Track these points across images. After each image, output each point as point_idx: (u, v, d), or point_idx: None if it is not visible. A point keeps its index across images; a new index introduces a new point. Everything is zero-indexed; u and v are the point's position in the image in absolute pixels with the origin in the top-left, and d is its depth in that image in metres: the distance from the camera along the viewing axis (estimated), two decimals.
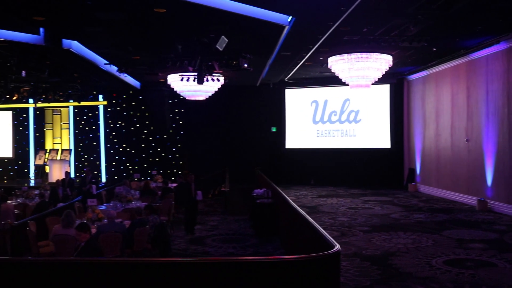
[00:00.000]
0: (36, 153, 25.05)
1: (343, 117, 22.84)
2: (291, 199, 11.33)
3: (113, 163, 23.77)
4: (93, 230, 8.83)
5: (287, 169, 23.22)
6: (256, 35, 12.64)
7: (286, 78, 21.26)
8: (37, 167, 24.82)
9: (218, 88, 17.96)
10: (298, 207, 9.72)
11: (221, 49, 11.27)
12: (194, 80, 14.92)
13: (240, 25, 11.56)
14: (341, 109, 22.84)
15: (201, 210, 17.74)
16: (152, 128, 23.37)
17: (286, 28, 11.82)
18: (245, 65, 13.17)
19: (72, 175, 23.11)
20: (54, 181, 20.76)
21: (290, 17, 11.28)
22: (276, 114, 23.50)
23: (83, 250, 6.96)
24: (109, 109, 23.88)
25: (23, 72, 14.52)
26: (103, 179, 23.93)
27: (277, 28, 11.85)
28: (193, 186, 13.78)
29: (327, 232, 6.77)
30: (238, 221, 15.32)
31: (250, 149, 23.25)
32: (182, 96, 19.01)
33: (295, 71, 18.95)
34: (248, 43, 13.38)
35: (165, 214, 12.82)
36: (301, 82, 22.12)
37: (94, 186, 15.24)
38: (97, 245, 7.22)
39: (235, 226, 14.58)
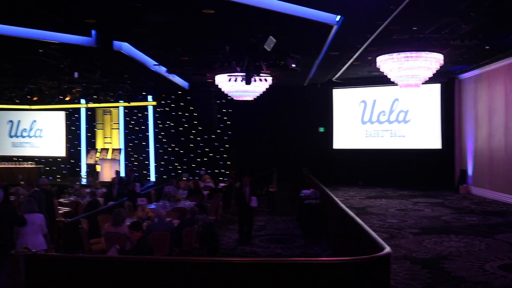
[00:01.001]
0: (87, 152, 25.64)
1: (392, 117, 22.48)
2: (339, 200, 11.21)
3: (162, 163, 24.09)
4: None
5: (334, 170, 23.01)
6: (304, 35, 12.57)
7: (334, 78, 21.07)
8: (88, 166, 25.42)
9: (266, 89, 17.94)
10: (346, 208, 9.61)
11: (269, 49, 11.25)
12: (242, 81, 14.95)
13: (288, 25, 11.52)
14: (390, 109, 22.49)
15: None
16: (200, 128, 23.56)
17: (334, 27, 11.71)
18: (293, 65, 13.12)
19: (122, 174, 23.50)
20: (104, 180, 21.24)
21: (339, 17, 11.16)
22: (324, 114, 23.33)
23: (134, 248, 7.06)
24: (158, 109, 24.21)
25: (76, 73, 14.88)
26: (152, 179, 24.29)
27: (325, 27, 11.75)
28: (247, 191, 12.56)
29: (376, 234, 6.66)
30: (286, 221, 15.28)
31: (298, 150, 23.14)
32: (229, 96, 19.08)
33: (343, 71, 18.76)
34: (296, 43, 13.32)
35: (213, 214, 12.90)
36: (349, 82, 21.89)
37: (137, 185, 15.44)
38: (148, 244, 7.31)
39: (283, 226, 14.54)
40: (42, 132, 26.64)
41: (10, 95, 21.15)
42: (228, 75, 16.20)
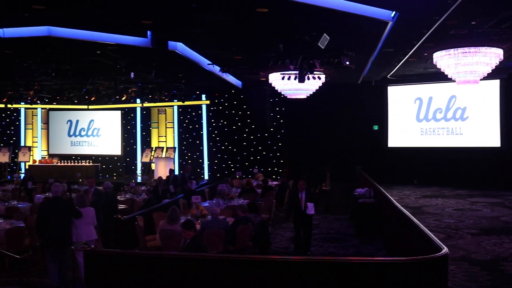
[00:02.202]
0: (142, 151, 26.14)
1: (449, 115, 21.94)
2: (394, 199, 11.04)
3: (215, 161, 24.28)
4: (197, 226, 9.03)
5: (389, 168, 22.64)
6: (358, 32, 12.43)
7: (389, 75, 20.75)
8: (143, 164, 25.90)
9: (319, 86, 17.85)
10: (402, 208, 9.45)
11: (322, 47, 11.17)
12: (295, 79, 14.91)
13: (342, 22, 11.41)
14: (447, 106, 21.95)
15: None
16: (253, 126, 23.63)
17: (390, 23, 11.52)
18: (347, 63, 12.97)
19: (176, 173, 23.83)
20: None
21: (394, 12, 10.98)
22: (378, 112, 23.00)
23: (188, 246, 7.14)
24: (211, 108, 24.42)
25: (132, 73, 15.18)
26: (206, 177, 24.54)
27: (380, 24, 11.58)
28: (303, 196, 10.99)
29: (432, 234, 6.52)
30: (339, 220, 15.16)
31: (351, 148, 22.91)
32: (283, 94, 19.08)
33: (398, 67, 18.45)
34: (350, 40, 13.16)
35: (266, 212, 12.92)
36: (404, 78, 21.50)
37: (194, 182, 15.62)
38: (201, 243, 7.38)
39: (336, 225, 14.44)
40: (99, 131, 27.31)
41: (69, 95, 21.78)
42: (281, 74, 16.19)
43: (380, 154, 22.91)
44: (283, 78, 16.02)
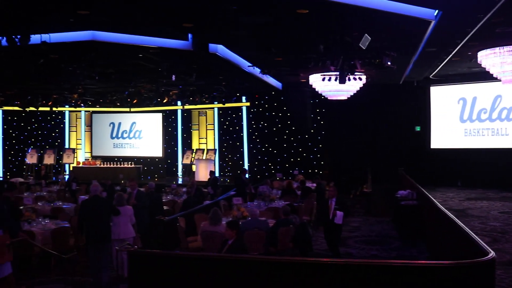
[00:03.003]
0: (183, 152, 26.37)
1: (494, 115, 21.42)
2: (437, 201, 10.85)
3: (256, 163, 24.33)
4: None
5: (431, 170, 22.22)
6: (400, 31, 12.26)
7: (431, 75, 20.40)
8: (184, 166, 26.13)
9: (360, 87, 17.69)
10: (445, 210, 9.28)
11: (364, 48, 11.07)
12: (335, 80, 14.83)
13: (384, 22, 11.28)
14: (492, 106, 21.44)
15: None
16: (293, 128, 23.57)
17: (432, 23, 11.32)
18: (388, 63, 12.83)
19: (217, 174, 23.99)
20: (200, 180, 21.77)
21: (437, 11, 10.78)
22: (420, 113, 22.65)
23: (230, 247, 7.17)
24: (252, 110, 24.49)
25: (173, 76, 15.34)
26: None
27: (422, 23, 11.39)
28: (332, 204, 10.25)
29: (478, 238, 6.38)
30: (381, 222, 15.00)
31: (393, 149, 22.59)
32: (323, 96, 18.99)
33: (441, 67, 18.12)
34: (392, 40, 13.02)
35: (307, 214, 12.87)
36: (447, 78, 21.11)
37: (252, 186, 15.63)
38: (243, 244, 7.41)
39: (378, 228, 14.29)
40: (141, 134, 27.69)
41: (111, 98, 22.21)
42: (322, 75, 16.12)
43: (423, 156, 22.53)
44: (323, 79, 15.94)
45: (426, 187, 15.26)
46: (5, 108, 25.47)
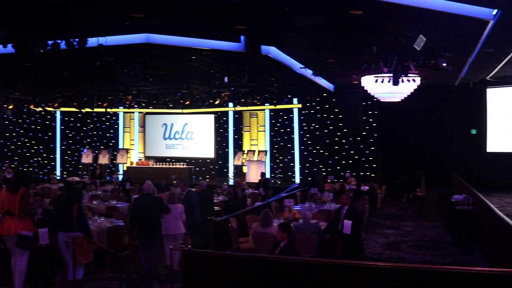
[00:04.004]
0: (234, 154, 26.51)
1: None
2: (494, 207, 10.55)
3: (307, 165, 24.23)
4: None
5: (487, 174, 21.55)
6: (456, 32, 11.98)
7: (488, 77, 19.82)
8: (235, 167, 26.25)
9: (414, 89, 17.37)
10: (504, 216, 9.01)
11: (418, 49, 10.86)
12: (389, 81, 14.61)
13: (439, 23, 11.05)
14: None
15: (394, 214, 17.38)
16: (345, 130, 23.36)
17: (491, 22, 11.00)
18: (444, 64, 12.52)
19: (268, 176, 24.00)
20: (251, 181, 21.87)
21: (496, 11, 10.48)
22: (476, 116, 22.03)
23: (283, 250, 7.18)
24: (303, 112, 24.41)
25: (226, 78, 15.45)
26: (297, 180, 24.52)
27: (480, 23, 11.09)
28: (343, 212, 9.67)
29: None
30: (434, 227, 14.70)
31: (447, 152, 22.07)
32: (376, 98, 18.75)
33: (499, 68, 17.59)
34: (447, 41, 12.73)
35: None
36: (505, 80, 20.45)
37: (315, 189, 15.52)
38: (295, 247, 7.41)
39: (431, 232, 14.01)
40: (192, 135, 27.99)
41: (164, 100, 22.55)
42: (374, 76, 15.93)
43: (479, 159, 21.91)
44: (376, 81, 15.74)
45: (481, 192, 14.85)
46: (63, 109, 26.23)
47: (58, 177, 25.39)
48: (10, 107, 23.04)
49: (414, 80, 16.18)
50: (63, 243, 7.85)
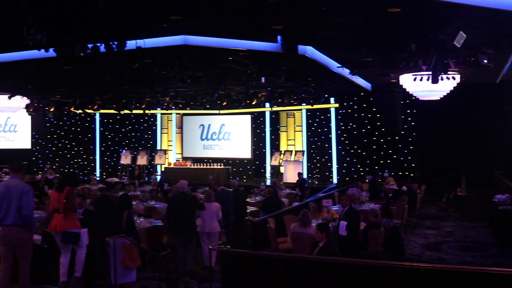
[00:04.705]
0: (271, 154, 26.51)
1: None
2: None
3: (344, 165, 24.05)
4: None
5: None
6: (498, 27, 11.70)
7: None
8: (272, 167, 26.26)
9: (453, 87, 17.07)
10: None
11: (459, 46, 10.66)
12: (428, 80, 14.40)
13: (480, 18, 10.81)
14: None
15: (434, 215, 17.12)
16: (383, 129, 23.08)
17: None
18: (485, 61, 12.27)
19: (305, 176, 23.93)
20: (288, 181, 21.83)
21: None
22: None
23: (322, 250, 7.14)
24: (340, 111, 24.23)
25: (263, 78, 15.46)
26: (334, 180, 24.38)
27: None
28: (342, 213, 9.82)
29: None
30: (476, 228, 14.42)
31: (489, 151, 21.59)
32: (414, 96, 18.48)
33: None
34: (488, 37, 12.46)
35: (398, 217, 12.56)
36: None
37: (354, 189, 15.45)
38: (334, 248, 7.36)
39: (473, 233, 13.75)
40: (229, 135, 28.11)
41: (201, 101, 22.70)
42: (413, 75, 15.71)
43: None
44: (415, 79, 15.52)
45: None
46: (102, 111, 26.67)
47: (98, 178, 25.84)
48: (52, 109, 23.54)
49: (453, 78, 15.90)
50: (111, 248, 8.01)
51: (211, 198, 10.41)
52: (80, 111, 24.52)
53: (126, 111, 23.98)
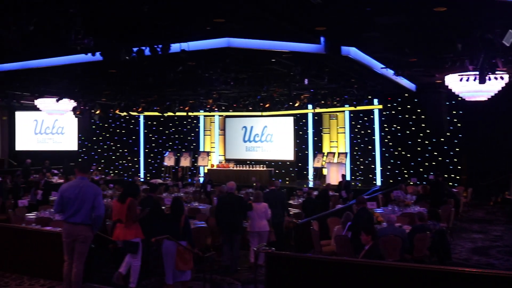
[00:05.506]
0: (314, 156, 26.37)
1: None
2: None
3: (388, 167, 23.70)
4: None
5: None
6: None
7: None
8: (315, 169, 26.12)
9: (502, 87, 16.64)
10: None
11: (507, 45, 10.37)
12: (474, 80, 14.07)
13: None
14: None
15: (481, 218, 16.75)
16: (428, 131, 22.64)
17: None
18: None
19: (348, 178, 23.70)
20: (331, 183, 21.65)
21: None
22: None
23: (367, 253, 7.06)
24: (384, 113, 23.91)
25: (306, 80, 15.41)
26: (378, 183, 24.08)
27: None
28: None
29: None
30: None
31: None
32: (460, 97, 18.08)
33: None
34: None
35: (444, 221, 12.33)
36: None
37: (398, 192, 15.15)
38: (379, 251, 7.26)
39: None
40: (272, 137, 28.11)
41: (244, 103, 22.76)
42: (459, 75, 15.39)
43: None
44: (461, 80, 15.20)
45: None
46: (146, 113, 27.05)
47: (142, 179, 26.22)
48: (97, 112, 23.99)
49: (502, 78, 15.50)
50: (166, 251, 8.13)
51: (259, 199, 10.74)
52: (125, 113, 24.92)
53: (170, 114, 24.24)
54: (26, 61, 15.22)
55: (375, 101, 24.15)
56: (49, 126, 30.20)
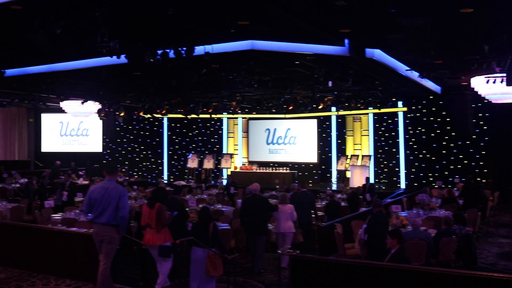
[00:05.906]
0: (338, 158, 26.25)
1: None
2: None
3: (413, 170, 23.48)
4: None
5: None
6: None
7: None
8: (338, 172, 26.01)
9: None
10: None
11: None
12: (501, 82, 13.88)
13: None
14: None
15: (509, 223, 16.51)
16: (453, 134, 22.38)
17: None
18: None
19: (372, 181, 23.54)
20: (355, 186, 21.54)
21: None
22: None
23: (393, 257, 7.00)
24: (408, 115, 23.69)
25: (330, 82, 15.36)
26: (402, 186, 23.89)
27: None
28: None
29: None
30: None
31: None
32: (487, 99, 17.85)
33: None
34: None
35: (471, 225, 12.17)
36: None
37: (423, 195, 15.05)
38: (405, 255, 7.19)
39: None
40: (295, 140, 28.06)
41: (267, 105, 22.78)
42: (486, 77, 15.19)
43: None
44: (487, 82, 15.00)
45: None
46: (170, 116, 27.21)
47: (165, 181, 26.36)
48: (121, 114, 24.24)
49: None
50: (195, 258, 8.15)
51: (285, 200, 10.81)
52: (148, 115, 25.11)
53: (193, 116, 24.36)
54: (52, 64, 15.44)
55: (400, 103, 23.96)
56: (74, 128, 30.56)
